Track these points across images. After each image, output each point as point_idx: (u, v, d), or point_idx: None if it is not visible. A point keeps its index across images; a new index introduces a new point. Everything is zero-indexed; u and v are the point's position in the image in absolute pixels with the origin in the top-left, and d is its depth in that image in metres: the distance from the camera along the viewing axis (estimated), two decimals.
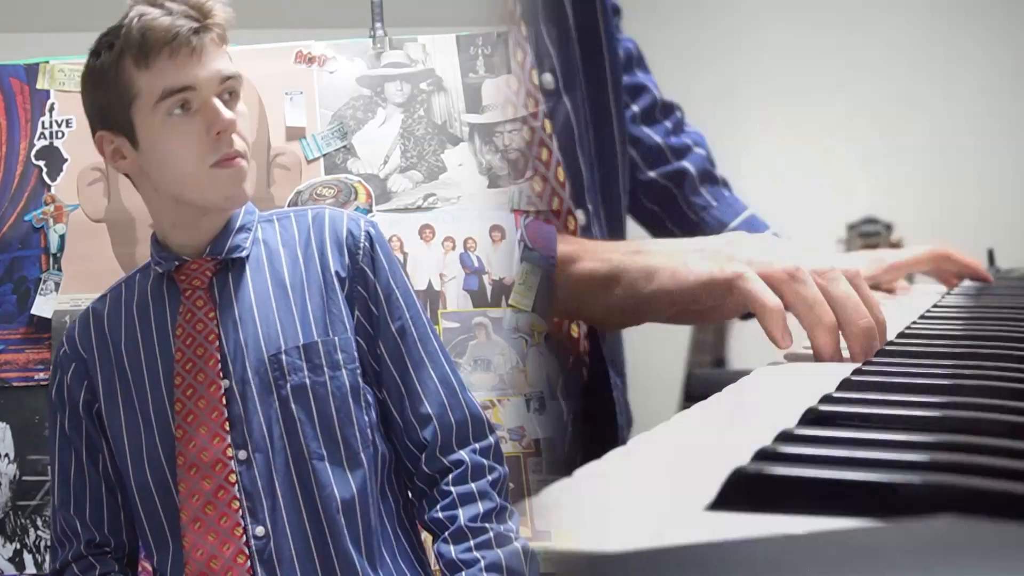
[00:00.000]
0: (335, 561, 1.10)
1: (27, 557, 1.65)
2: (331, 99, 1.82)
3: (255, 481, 1.10)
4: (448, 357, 1.21)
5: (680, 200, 1.49)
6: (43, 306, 1.75)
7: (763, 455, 0.49)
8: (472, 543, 1.12)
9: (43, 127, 1.81)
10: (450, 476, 1.15)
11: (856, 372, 0.75)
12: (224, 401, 1.12)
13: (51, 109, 1.81)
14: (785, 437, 0.54)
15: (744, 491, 0.44)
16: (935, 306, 1.20)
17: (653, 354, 2.09)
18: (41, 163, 1.79)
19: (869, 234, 2.72)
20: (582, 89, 1.23)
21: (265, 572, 1.08)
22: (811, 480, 0.45)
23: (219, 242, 1.17)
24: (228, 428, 1.11)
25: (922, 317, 1.10)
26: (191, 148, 1.10)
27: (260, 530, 1.09)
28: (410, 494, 1.21)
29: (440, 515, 1.14)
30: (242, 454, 1.11)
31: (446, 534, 1.13)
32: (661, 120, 1.53)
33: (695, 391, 2.36)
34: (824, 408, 0.60)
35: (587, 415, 1.21)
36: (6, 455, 1.68)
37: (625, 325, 1.01)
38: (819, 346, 0.87)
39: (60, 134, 1.80)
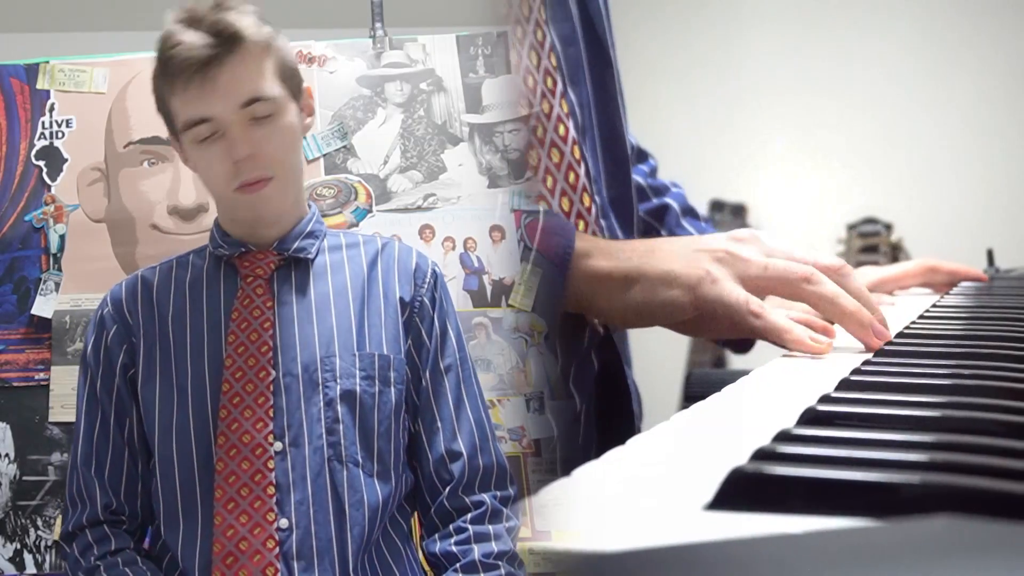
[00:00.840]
0: (351, 563, 1.11)
1: (27, 557, 1.65)
2: (331, 99, 1.82)
3: (287, 473, 1.11)
4: (486, 404, 1.25)
5: (664, 234, 1.49)
6: (43, 306, 1.75)
7: (762, 455, 0.49)
8: None
9: (43, 127, 1.81)
10: (468, 515, 1.17)
11: (855, 372, 0.75)
12: (272, 389, 1.13)
13: (51, 109, 1.81)
14: (784, 437, 0.54)
15: (743, 491, 0.44)
16: (935, 306, 1.20)
17: (653, 354, 2.09)
18: (41, 163, 1.79)
19: (869, 234, 2.72)
20: (586, 89, 1.23)
21: (283, 564, 1.09)
22: (810, 480, 0.45)
23: (287, 240, 1.19)
24: (272, 416, 1.12)
25: (922, 317, 1.10)
26: (216, 173, 1.14)
27: (284, 522, 1.10)
28: (421, 526, 1.23)
29: (453, 548, 1.16)
30: (278, 445, 1.12)
31: (457, 565, 1.15)
32: (637, 164, 1.53)
33: (695, 391, 2.36)
34: (823, 408, 0.60)
35: (601, 403, 1.22)
36: (6, 455, 1.68)
37: (637, 326, 1.02)
38: (853, 331, 0.91)
39: (60, 134, 1.80)
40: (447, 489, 1.18)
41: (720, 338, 1.21)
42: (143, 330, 1.19)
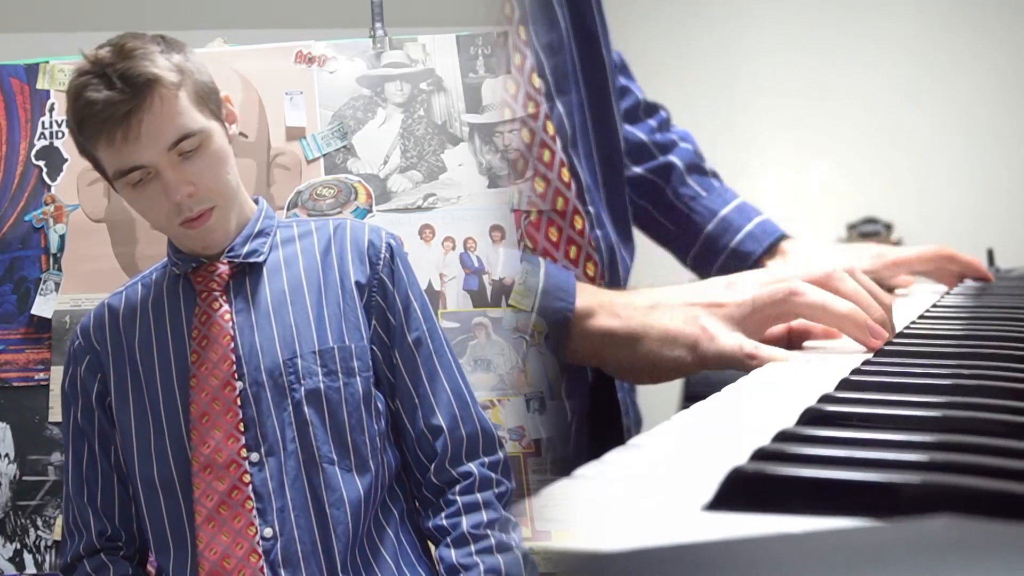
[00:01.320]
0: (338, 563, 1.11)
1: (27, 557, 1.65)
2: (331, 99, 1.82)
3: (266, 483, 1.11)
4: (461, 371, 1.23)
5: (668, 192, 1.49)
6: (43, 306, 1.75)
7: (761, 455, 0.49)
8: (473, 548, 1.14)
9: (43, 127, 1.81)
10: (457, 487, 1.17)
11: (855, 372, 0.75)
12: (239, 403, 1.13)
13: (51, 109, 1.81)
14: (784, 437, 0.54)
15: (742, 491, 0.44)
16: (935, 306, 1.20)
17: None
18: (41, 163, 1.79)
19: (869, 234, 2.72)
20: (579, 93, 1.23)
21: (271, 573, 1.09)
22: (810, 480, 0.44)
23: (236, 246, 1.19)
24: (242, 429, 1.12)
25: (922, 317, 1.10)
26: (156, 213, 1.14)
27: (268, 531, 1.10)
28: (416, 502, 1.22)
29: (444, 522, 1.16)
30: (254, 456, 1.12)
31: (448, 539, 1.15)
32: (644, 119, 1.53)
33: (695, 391, 2.36)
34: (823, 408, 0.60)
35: (593, 415, 1.22)
36: (6, 455, 1.68)
37: (650, 383, 1.04)
38: (848, 331, 0.92)
39: (60, 134, 1.80)
40: (433, 465, 1.18)
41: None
42: (112, 358, 1.20)
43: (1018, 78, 3.30)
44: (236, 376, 1.14)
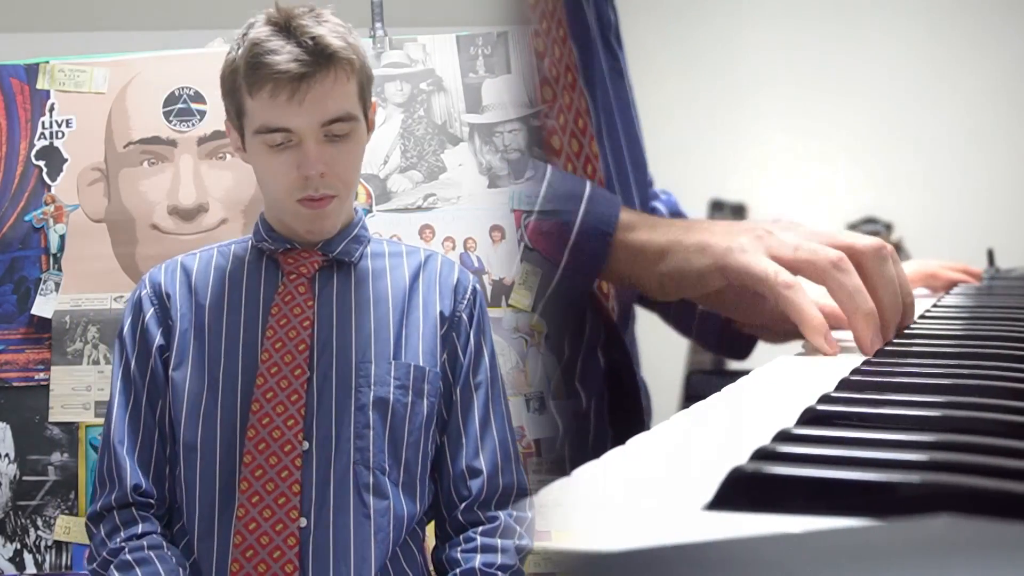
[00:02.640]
0: (372, 571, 1.11)
1: (27, 557, 1.65)
2: None
3: (312, 473, 1.11)
4: (512, 426, 1.25)
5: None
6: (43, 306, 1.75)
7: (761, 455, 0.49)
8: None
9: (43, 127, 1.81)
10: (480, 528, 1.18)
11: (855, 372, 0.75)
12: (305, 388, 1.13)
13: (51, 109, 1.81)
14: (784, 437, 0.54)
15: (742, 491, 0.44)
16: (935, 306, 1.20)
17: (653, 354, 2.09)
18: (41, 163, 1.79)
19: (869, 234, 2.72)
20: (604, 92, 1.24)
21: (300, 562, 1.09)
22: (809, 480, 0.45)
23: (333, 242, 1.19)
24: (303, 414, 1.12)
25: (922, 317, 1.10)
26: (280, 181, 1.14)
27: (303, 521, 1.10)
28: (436, 536, 1.23)
29: (458, 555, 1.17)
30: (306, 444, 1.12)
31: (457, 571, 1.16)
32: None
33: (695, 391, 2.36)
34: (823, 408, 0.60)
35: (612, 402, 1.22)
36: (6, 455, 1.68)
37: (676, 296, 1.04)
38: (857, 331, 0.91)
39: (60, 134, 1.80)
40: (463, 504, 1.18)
41: (747, 322, 1.21)
42: (180, 313, 1.19)
43: (1020, 78, 3.30)
44: (308, 363, 1.14)
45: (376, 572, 1.12)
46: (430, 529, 1.24)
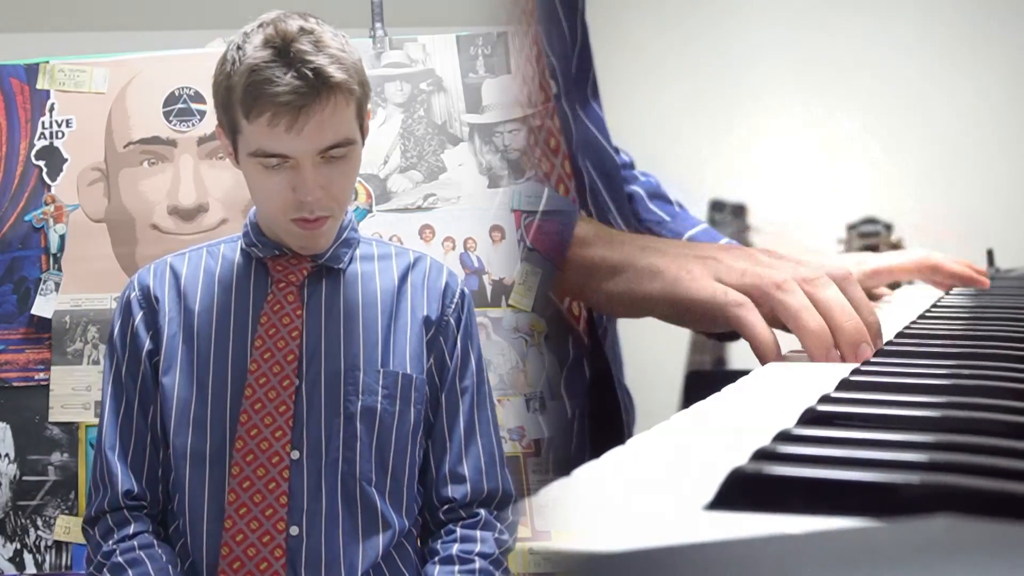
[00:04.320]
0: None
1: (27, 557, 1.65)
2: None
3: (301, 483, 1.12)
4: (498, 431, 1.24)
5: (632, 221, 1.49)
6: (43, 306, 1.75)
7: (762, 455, 0.49)
8: (456, 568, 1.15)
9: (43, 127, 1.80)
10: (461, 522, 1.18)
11: (855, 372, 0.75)
12: (293, 398, 1.13)
13: (51, 109, 1.81)
14: (784, 437, 0.54)
15: (743, 491, 0.44)
16: (935, 306, 1.20)
17: (653, 354, 2.09)
18: (41, 163, 1.79)
19: (869, 234, 2.72)
20: (578, 97, 1.24)
21: (291, 571, 1.10)
22: (810, 480, 0.45)
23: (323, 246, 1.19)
24: (291, 425, 1.12)
25: (922, 317, 1.10)
26: (274, 201, 1.12)
27: (295, 530, 1.11)
28: (417, 540, 1.23)
29: (437, 545, 1.18)
30: (295, 454, 1.13)
31: (435, 559, 1.17)
32: None
33: (695, 391, 2.36)
34: (823, 408, 0.60)
35: (593, 411, 1.22)
36: (6, 455, 1.68)
37: (624, 316, 1.03)
38: (808, 349, 0.90)
39: (60, 134, 1.80)
40: (445, 507, 1.19)
41: (700, 331, 1.21)
42: (168, 317, 1.18)
43: (1020, 78, 3.30)
44: (296, 373, 1.14)
45: None
46: None
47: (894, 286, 1.46)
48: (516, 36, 1.11)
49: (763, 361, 0.91)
